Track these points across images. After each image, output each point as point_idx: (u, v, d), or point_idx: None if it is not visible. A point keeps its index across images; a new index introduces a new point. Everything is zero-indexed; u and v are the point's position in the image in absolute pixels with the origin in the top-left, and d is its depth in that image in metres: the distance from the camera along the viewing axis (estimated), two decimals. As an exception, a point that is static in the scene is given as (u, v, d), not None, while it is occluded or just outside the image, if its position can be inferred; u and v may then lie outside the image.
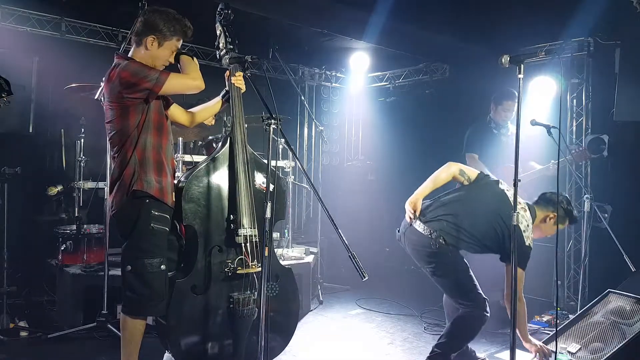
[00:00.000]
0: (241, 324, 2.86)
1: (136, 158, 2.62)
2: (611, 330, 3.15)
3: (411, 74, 6.81)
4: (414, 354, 3.66)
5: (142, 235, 2.62)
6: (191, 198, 2.81)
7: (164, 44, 2.68)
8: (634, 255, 3.87)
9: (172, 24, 2.67)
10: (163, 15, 2.67)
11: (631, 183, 4.62)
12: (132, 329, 2.66)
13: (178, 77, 2.66)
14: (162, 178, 2.68)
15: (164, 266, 2.64)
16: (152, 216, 2.61)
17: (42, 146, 5.01)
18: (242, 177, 2.90)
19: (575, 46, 4.94)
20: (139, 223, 2.61)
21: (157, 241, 2.65)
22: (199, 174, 2.87)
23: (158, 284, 2.63)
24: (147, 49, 2.68)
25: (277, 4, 4.88)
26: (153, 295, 2.62)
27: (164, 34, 2.67)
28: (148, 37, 2.66)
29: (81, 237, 4.22)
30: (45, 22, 4.88)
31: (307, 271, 4.68)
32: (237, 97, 3.01)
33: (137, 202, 2.61)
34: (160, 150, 2.70)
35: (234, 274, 2.84)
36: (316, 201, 5.78)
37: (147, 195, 2.61)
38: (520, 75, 2.51)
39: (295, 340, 3.66)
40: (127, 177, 2.61)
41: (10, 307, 3.91)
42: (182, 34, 2.71)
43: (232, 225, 2.87)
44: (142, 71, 2.58)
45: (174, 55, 2.76)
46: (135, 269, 2.62)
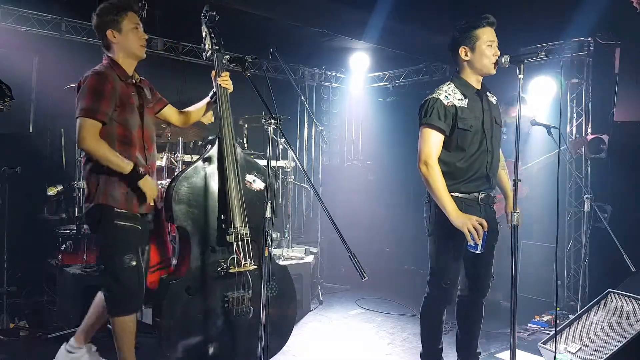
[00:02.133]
0: (237, 323, 2.87)
1: (99, 171, 2.65)
2: (611, 330, 3.15)
3: (411, 74, 6.81)
4: (414, 354, 3.66)
5: (108, 234, 2.67)
6: (181, 199, 2.83)
7: (121, 29, 2.70)
8: (634, 255, 3.87)
9: (113, 8, 2.70)
10: (104, 9, 2.71)
11: (631, 183, 4.62)
12: (121, 328, 2.70)
13: (84, 127, 2.57)
14: (130, 189, 2.70)
15: (134, 262, 2.66)
16: (115, 214, 2.65)
17: (42, 146, 5.01)
18: (232, 177, 2.92)
19: (575, 46, 4.94)
20: (103, 222, 2.66)
21: (125, 238, 2.67)
22: (188, 175, 2.90)
23: (129, 281, 2.66)
24: (113, 43, 2.71)
25: (277, 4, 4.88)
26: (125, 292, 2.67)
27: (115, 21, 2.69)
28: (106, 33, 2.70)
29: (81, 237, 4.22)
30: (45, 22, 4.88)
31: (307, 271, 4.67)
32: (224, 97, 3.03)
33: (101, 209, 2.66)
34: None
35: (228, 273, 2.85)
36: (316, 201, 5.78)
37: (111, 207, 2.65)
38: (520, 75, 2.51)
39: (295, 340, 3.67)
40: (92, 189, 2.67)
41: (10, 307, 3.91)
42: (127, 7, 2.72)
43: (223, 224, 2.90)
44: (85, 93, 2.58)
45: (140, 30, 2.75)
46: (107, 267, 2.68)
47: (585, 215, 4.36)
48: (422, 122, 2.76)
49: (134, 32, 2.72)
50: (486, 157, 2.81)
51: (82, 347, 2.94)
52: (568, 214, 4.99)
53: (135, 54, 2.76)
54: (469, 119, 2.75)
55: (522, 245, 4.95)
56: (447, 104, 2.72)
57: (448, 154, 2.77)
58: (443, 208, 2.67)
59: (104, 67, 2.70)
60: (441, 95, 2.75)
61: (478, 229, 2.59)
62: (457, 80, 2.83)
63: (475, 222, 2.60)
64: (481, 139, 2.79)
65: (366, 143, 7.57)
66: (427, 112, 2.73)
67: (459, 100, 2.76)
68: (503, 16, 2.94)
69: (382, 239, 6.43)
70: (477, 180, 2.80)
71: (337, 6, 4.87)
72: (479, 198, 2.79)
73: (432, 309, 2.93)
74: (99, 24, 2.71)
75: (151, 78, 2.98)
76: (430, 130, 2.72)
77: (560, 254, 4.92)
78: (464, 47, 2.76)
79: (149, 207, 2.78)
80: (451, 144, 2.76)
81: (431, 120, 2.71)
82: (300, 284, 4.51)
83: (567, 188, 5.00)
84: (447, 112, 2.71)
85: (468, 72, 2.81)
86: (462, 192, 2.76)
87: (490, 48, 2.74)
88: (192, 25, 3.14)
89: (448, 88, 2.79)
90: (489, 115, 2.84)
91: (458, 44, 2.78)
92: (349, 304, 5.00)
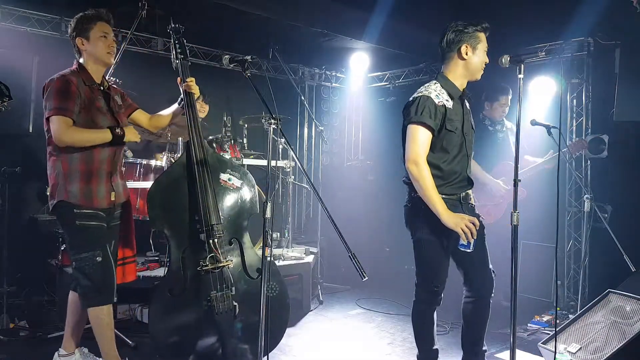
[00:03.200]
0: (222, 321, 2.90)
1: (61, 169, 2.79)
2: (611, 330, 3.15)
3: (411, 74, 6.81)
4: (414, 354, 3.65)
5: (72, 233, 2.79)
6: (154, 205, 2.95)
7: (90, 37, 2.84)
8: (634, 255, 3.87)
9: (84, 18, 2.87)
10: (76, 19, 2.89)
11: (631, 183, 4.62)
12: (95, 318, 2.80)
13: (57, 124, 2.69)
14: (91, 185, 2.80)
15: (99, 258, 2.76)
16: (76, 214, 2.75)
17: (42, 146, 4.95)
18: (202, 177, 3.01)
19: (575, 46, 4.94)
20: (66, 222, 2.80)
21: (88, 236, 2.77)
22: (161, 180, 3.04)
23: (97, 276, 2.76)
24: (82, 50, 2.87)
25: (277, 4, 4.89)
26: (93, 287, 2.77)
27: (85, 29, 2.84)
28: (76, 41, 2.86)
29: (81, 237, 4.22)
30: (45, 22, 4.88)
31: (307, 271, 4.67)
32: (189, 103, 3.18)
33: (62, 206, 2.77)
34: (91, 162, 2.80)
35: (208, 272, 2.90)
36: (316, 201, 5.78)
37: (71, 205, 2.76)
38: (521, 75, 2.51)
39: (295, 340, 3.67)
40: (54, 187, 2.80)
41: (10, 307, 3.91)
42: (96, 18, 2.88)
43: (198, 224, 2.96)
44: (51, 94, 2.72)
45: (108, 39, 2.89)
46: (76, 264, 2.78)
47: (585, 215, 4.37)
48: (412, 120, 2.71)
49: (102, 40, 2.86)
50: (466, 160, 2.83)
51: (72, 352, 3.00)
52: (568, 214, 4.99)
53: (103, 61, 2.90)
54: (455, 121, 2.75)
55: (522, 245, 4.95)
56: (437, 103, 2.70)
57: (432, 155, 2.74)
58: (434, 208, 2.64)
59: (70, 71, 2.84)
60: (432, 94, 2.73)
61: (471, 228, 2.59)
62: (443, 80, 2.80)
63: (468, 222, 2.60)
64: (461, 142, 2.80)
65: (366, 143, 7.56)
66: (418, 110, 2.68)
67: (446, 100, 2.75)
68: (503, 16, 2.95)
69: (382, 239, 6.43)
70: (460, 182, 2.81)
71: (337, 6, 4.87)
72: (460, 197, 2.80)
73: (423, 312, 2.93)
74: (71, 32, 2.89)
75: (151, 78, 2.99)
76: (421, 128, 2.68)
77: (560, 254, 4.92)
78: (467, 44, 2.74)
79: (109, 202, 2.86)
80: (436, 145, 2.74)
81: (422, 118, 2.66)
82: (300, 284, 4.51)
83: (567, 188, 5.00)
84: (438, 112, 2.69)
85: (459, 73, 2.79)
86: (446, 193, 2.74)
87: (485, 54, 2.76)
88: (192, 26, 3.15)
89: (436, 87, 2.76)
90: (468, 119, 2.87)
91: (461, 40, 2.74)
92: (349, 304, 5.00)
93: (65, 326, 3.01)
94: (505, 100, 4.43)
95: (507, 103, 4.44)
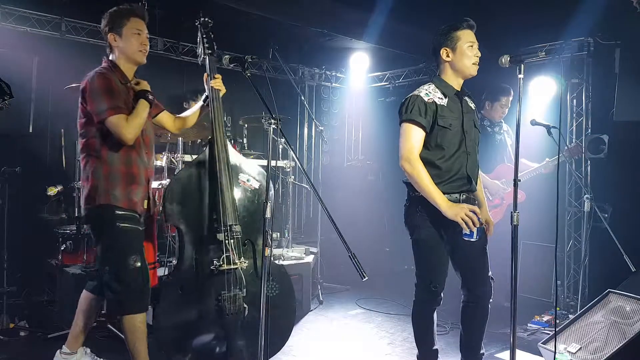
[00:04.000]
0: (231, 322, 2.89)
1: (101, 172, 2.67)
2: (611, 330, 3.15)
3: (411, 74, 6.81)
4: (414, 354, 3.64)
5: (111, 236, 2.67)
6: (173, 199, 2.89)
7: (122, 33, 2.75)
8: (634, 255, 3.87)
9: (117, 12, 2.76)
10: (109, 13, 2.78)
11: (631, 183, 4.62)
12: (131, 327, 2.69)
13: (118, 123, 2.60)
14: (132, 187, 2.72)
15: (139, 263, 2.67)
16: (117, 215, 2.66)
17: (42, 146, 5.00)
18: (224, 177, 2.96)
19: (575, 46, 4.94)
20: (106, 225, 2.67)
21: (127, 239, 2.69)
22: (182, 175, 2.99)
23: (135, 281, 2.67)
24: (114, 47, 2.77)
25: (277, 4, 4.89)
26: (131, 293, 2.67)
27: (118, 25, 2.74)
28: (108, 37, 2.77)
29: (81, 237, 4.22)
30: (45, 22, 4.88)
31: (307, 271, 4.68)
32: (216, 100, 3.09)
33: (104, 209, 2.67)
34: (130, 164, 2.73)
35: (221, 272, 2.88)
36: (316, 201, 5.78)
37: (114, 207, 2.67)
38: (521, 75, 2.51)
39: (295, 340, 3.67)
40: (92, 190, 2.67)
41: (10, 307, 3.91)
42: (129, 13, 2.77)
43: (215, 223, 2.93)
44: (99, 95, 2.60)
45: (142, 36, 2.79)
46: (111, 269, 2.66)
47: (585, 215, 4.37)
48: (402, 119, 2.75)
49: (135, 37, 2.76)
50: (465, 158, 2.81)
51: (75, 351, 2.96)
52: (568, 214, 4.99)
53: (135, 59, 2.80)
54: (449, 117, 2.76)
55: (522, 245, 4.95)
56: (427, 101, 2.73)
57: (428, 152, 2.76)
58: (433, 201, 2.65)
59: (104, 68, 2.73)
60: (422, 92, 2.77)
61: (472, 216, 2.58)
62: (438, 81, 2.84)
63: (468, 210, 2.59)
64: (460, 139, 2.80)
65: (366, 143, 7.56)
66: (408, 109, 2.72)
67: (439, 98, 2.77)
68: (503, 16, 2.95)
69: (382, 239, 6.43)
70: (458, 181, 2.79)
71: (337, 6, 4.87)
72: (460, 199, 2.78)
73: (423, 312, 2.93)
74: (103, 27, 2.78)
75: (151, 78, 2.98)
76: (411, 125, 2.71)
77: (560, 254, 4.92)
78: (445, 48, 2.78)
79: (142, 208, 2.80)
80: (431, 142, 2.76)
81: (412, 116, 2.70)
82: (300, 284, 4.51)
83: (567, 188, 5.00)
84: (428, 109, 2.71)
85: (449, 73, 2.83)
86: (444, 192, 2.72)
87: (472, 49, 2.75)
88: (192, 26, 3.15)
89: (429, 87, 2.80)
90: (469, 117, 2.86)
91: (440, 45, 2.79)
92: (349, 304, 5.00)
93: (72, 325, 2.94)
94: (506, 101, 4.42)
95: (507, 104, 4.43)
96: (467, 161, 2.81)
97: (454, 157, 2.77)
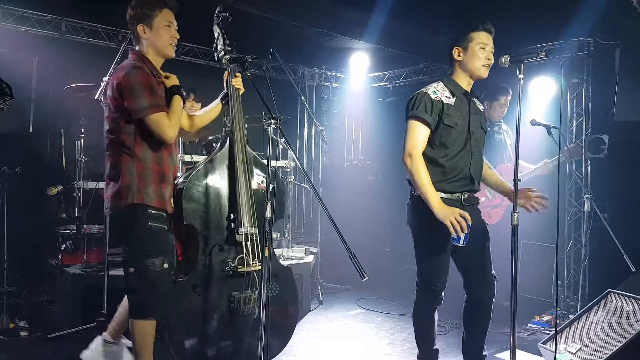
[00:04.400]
0: (242, 323, 2.87)
1: (134, 169, 2.56)
2: (611, 330, 3.15)
3: (411, 74, 6.81)
4: (414, 354, 3.64)
5: (141, 236, 2.58)
6: (191, 197, 2.82)
7: (153, 25, 2.62)
8: (634, 255, 3.87)
9: (148, 2, 2.63)
10: (138, 2, 2.64)
11: (631, 183, 4.62)
12: (142, 332, 2.62)
13: (160, 122, 2.52)
14: (162, 187, 2.65)
15: (166, 265, 2.59)
16: (149, 215, 2.58)
17: (42, 146, 5.01)
18: (242, 177, 2.92)
19: (575, 46, 4.94)
20: (137, 224, 2.57)
21: (157, 240, 2.61)
22: (199, 173, 2.89)
23: (162, 284, 2.59)
24: (143, 39, 2.64)
25: (277, 4, 4.89)
26: (157, 296, 2.59)
27: (148, 15, 2.61)
28: (137, 27, 2.63)
29: (81, 237, 4.22)
30: (45, 22, 4.88)
31: (307, 271, 4.68)
32: (236, 98, 3.01)
33: (136, 207, 2.57)
34: (162, 162, 2.65)
35: (235, 273, 2.86)
36: (316, 201, 5.77)
37: (146, 206, 2.58)
38: (521, 75, 2.51)
39: (295, 340, 3.66)
40: (124, 188, 2.55)
41: (10, 307, 3.91)
42: (161, 3, 2.64)
43: (232, 224, 2.89)
44: (139, 91, 2.48)
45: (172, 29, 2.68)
46: (138, 270, 2.57)
47: (585, 215, 4.36)
48: (408, 115, 2.77)
49: (165, 29, 2.64)
50: (469, 158, 2.81)
51: (118, 342, 2.91)
52: (568, 214, 4.99)
53: (165, 53, 2.69)
54: (455, 116, 2.76)
55: (522, 245, 4.95)
56: (434, 98, 2.74)
57: (432, 150, 2.77)
58: (427, 200, 2.65)
59: (138, 61, 2.60)
60: (429, 90, 2.78)
61: (461, 221, 2.58)
62: (447, 80, 2.86)
63: (458, 215, 2.59)
64: (465, 139, 2.80)
65: (366, 143, 7.57)
66: (414, 105, 2.74)
67: (446, 97, 2.78)
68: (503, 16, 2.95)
69: (382, 239, 6.43)
70: (461, 180, 2.79)
71: (337, 6, 4.87)
72: (461, 199, 2.79)
73: (424, 311, 2.92)
74: (131, 17, 2.63)
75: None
76: (416, 122, 2.72)
77: (560, 254, 4.92)
78: (457, 47, 2.79)
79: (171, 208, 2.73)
80: (435, 140, 2.77)
81: (418, 112, 2.71)
82: (300, 284, 4.50)
83: (567, 188, 5.00)
84: (434, 107, 2.72)
85: (459, 73, 2.83)
86: (446, 191, 2.74)
87: (483, 51, 2.75)
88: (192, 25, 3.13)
89: (437, 85, 2.82)
90: (476, 118, 2.86)
91: (453, 44, 2.80)
92: (349, 304, 5.00)
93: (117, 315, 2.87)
94: (505, 101, 4.41)
95: (506, 103, 4.42)
96: (470, 161, 2.82)
97: (458, 156, 2.78)
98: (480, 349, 2.97)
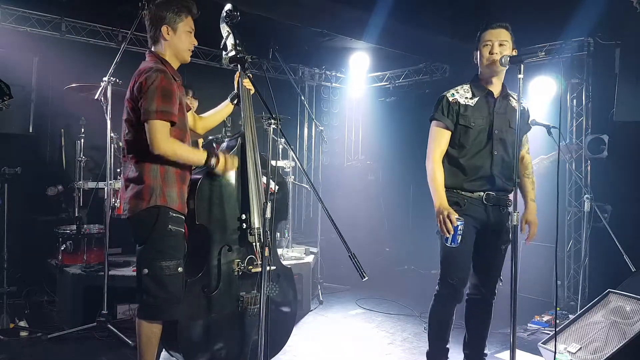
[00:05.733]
0: (249, 323, 2.89)
1: (158, 171, 2.54)
2: (611, 330, 3.15)
3: (411, 74, 6.81)
4: (414, 354, 3.66)
5: (160, 238, 2.55)
6: (203, 197, 2.82)
7: (177, 28, 2.63)
8: (634, 255, 3.87)
9: (175, 6, 2.62)
10: (165, 3, 2.63)
11: (631, 183, 4.62)
12: (149, 334, 2.60)
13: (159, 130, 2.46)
14: (183, 189, 2.66)
15: (181, 268, 2.59)
16: (170, 218, 2.57)
17: (42, 146, 5.01)
18: (253, 178, 2.93)
19: (575, 46, 4.94)
20: (157, 226, 2.54)
21: (174, 243, 2.59)
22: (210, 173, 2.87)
23: (175, 287, 2.57)
24: (165, 40, 2.63)
25: (277, 4, 4.89)
26: (170, 299, 2.57)
27: (174, 19, 2.61)
28: (161, 28, 2.62)
29: (81, 237, 4.22)
30: (45, 22, 4.88)
31: (307, 271, 4.68)
32: (247, 99, 3.01)
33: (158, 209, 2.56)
34: (182, 164, 2.64)
35: (244, 274, 2.86)
36: (316, 201, 5.78)
37: (169, 209, 2.56)
38: (521, 75, 2.51)
39: (295, 340, 3.66)
40: (147, 190, 2.53)
41: (10, 307, 3.91)
42: (187, 11, 2.65)
43: (243, 224, 2.90)
44: (154, 94, 2.45)
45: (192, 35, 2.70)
46: (153, 272, 2.53)
47: (585, 215, 4.36)
48: (430, 119, 2.93)
49: (187, 34, 2.67)
50: (490, 158, 2.82)
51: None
52: (568, 214, 4.99)
53: (183, 57, 2.71)
54: (473, 117, 2.80)
55: (522, 245, 4.95)
56: (451, 101, 2.85)
57: (453, 150, 2.87)
58: (432, 196, 2.76)
59: (158, 65, 2.57)
60: (449, 92, 2.90)
61: (445, 222, 2.62)
62: (472, 80, 2.94)
63: (445, 217, 2.62)
64: (487, 139, 2.81)
65: (366, 143, 7.57)
66: (435, 108, 2.90)
67: (466, 98, 2.85)
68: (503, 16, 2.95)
69: (382, 239, 6.43)
70: (480, 179, 2.81)
71: (337, 6, 4.87)
72: (482, 197, 2.80)
73: (441, 307, 2.93)
74: (156, 17, 2.61)
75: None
76: (435, 125, 2.88)
77: (560, 254, 4.92)
78: (474, 51, 2.89)
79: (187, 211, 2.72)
80: (455, 140, 2.86)
81: (436, 115, 2.87)
82: (300, 284, 4.51)
83: (567, 188, 5.00)
84: (450, 109, 2.83)
85: (480, 74, 2.91)
86: (466, 189, 2.81)
87: (486, 47, 2.79)
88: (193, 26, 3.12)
89: (461, 87, 2.92)
90: (502, 117, 2.85)
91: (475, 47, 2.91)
92: (349, 304, 5.00)
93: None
94: None
95: None
96: (491, 161, 2.82)
97: (477, 156, 2.82)
98: (482, 348, 2.98)
